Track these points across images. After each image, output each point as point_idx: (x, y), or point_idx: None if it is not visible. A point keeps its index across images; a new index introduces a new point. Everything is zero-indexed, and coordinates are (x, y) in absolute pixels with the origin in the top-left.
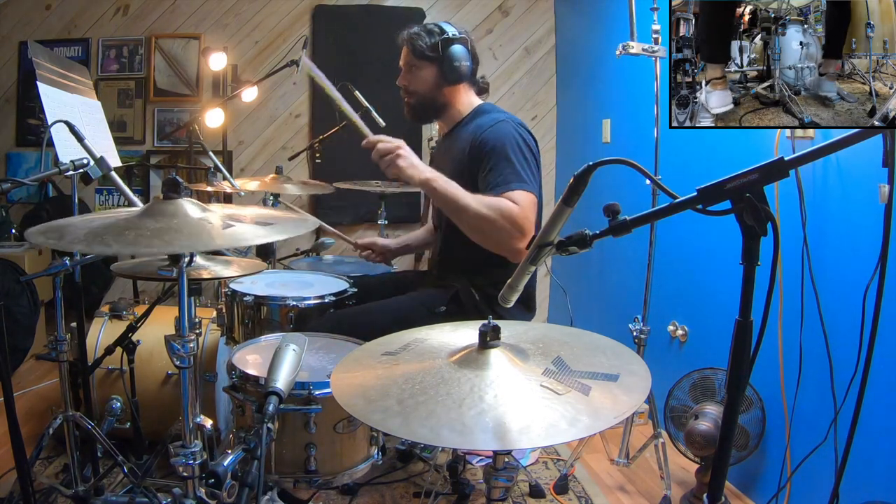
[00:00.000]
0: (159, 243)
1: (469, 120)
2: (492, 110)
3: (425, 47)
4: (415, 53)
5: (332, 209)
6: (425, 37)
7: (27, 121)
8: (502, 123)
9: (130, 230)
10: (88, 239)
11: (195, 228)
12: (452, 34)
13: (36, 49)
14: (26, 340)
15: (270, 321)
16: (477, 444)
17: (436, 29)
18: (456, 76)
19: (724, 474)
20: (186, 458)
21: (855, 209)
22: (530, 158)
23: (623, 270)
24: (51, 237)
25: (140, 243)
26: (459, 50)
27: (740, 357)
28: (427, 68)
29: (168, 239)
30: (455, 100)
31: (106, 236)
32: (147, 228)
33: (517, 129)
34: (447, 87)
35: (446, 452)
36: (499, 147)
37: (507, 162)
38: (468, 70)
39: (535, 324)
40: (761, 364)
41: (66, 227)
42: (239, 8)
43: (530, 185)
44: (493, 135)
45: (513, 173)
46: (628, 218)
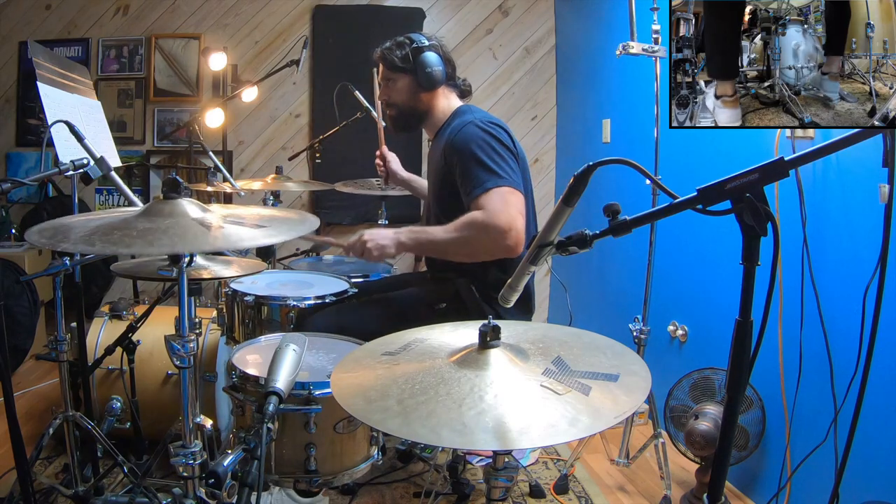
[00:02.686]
0: (142, 244)
1: (448, 123)
2: (466, 112)
3: (397, 59)
4: (389, 67)
5: (332, 209)
6: (396, 49)
7: (27, 121)
8: (467, 126)
9: (118, 231)
10: (75, 240)
11: (186, 230)
12: (421, 42)
13: (36, 49)
14: (26, 340)
15: (271, 321)
16: (477, 444)
17: (405, 40)
18: (430, 82)
19: (724, 474)
20: (186, 458)
21: (855, 209)
22: (503, 152)
23: (623, 270)
24: (45, 236)
25: (122, 243)
26: (431, 56)
27: (740, 357)
28: (402, 79)
29: (151, 239)
30: (434, 105)
31: (93, 236)
32: (135, 229)
33: (484, 127)
34: (423, 93)
35: (446, 452)
36: (465, 151)
37: (475, 162)
38: (442, 74)
39: (535, 324)
40: (761, 364)
41: (59, 227)
42: (239, 8)
43: (505, 179)
44: (460, 139)
45: (483, 172)
46: (628, 218)
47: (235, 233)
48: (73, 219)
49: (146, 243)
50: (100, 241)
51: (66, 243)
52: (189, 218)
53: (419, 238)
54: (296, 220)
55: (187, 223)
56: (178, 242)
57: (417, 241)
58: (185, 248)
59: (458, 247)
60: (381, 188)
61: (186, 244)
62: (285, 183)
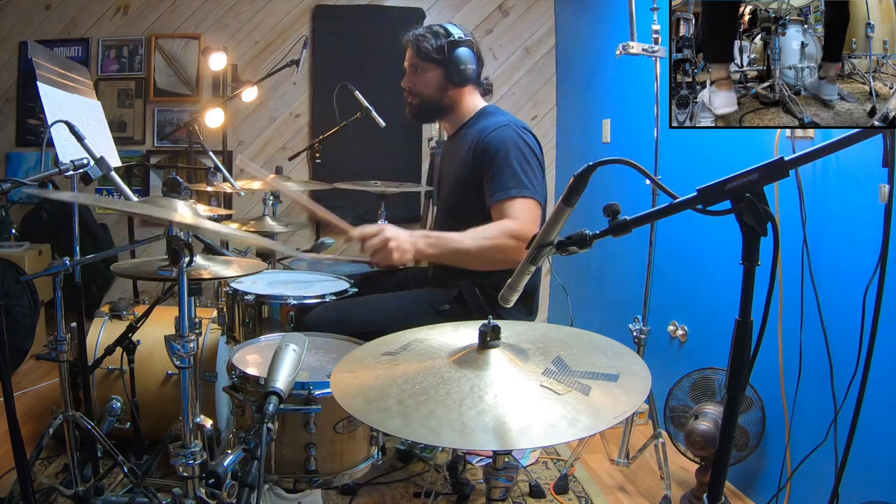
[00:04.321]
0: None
1: (473, 122)
2: (496, 112)
3: (431, 49)
4: (420, 55)
5: (332, 209)
6: (431, 39)
7: (27, 121)
8: (505, 128)
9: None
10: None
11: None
12: (458, 36)
13: (36, 49)
14: (26, 340)
15: (271, 321)
16: (477, 444)
17: (441, 31)
18: (461, 79)
19: (724, 474)
20: (186, 458)
21: (855, 209)
22: (533, 162)
23: (623, 270)
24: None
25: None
26: (465, 52)
27: (740, 357)
28: (432, 70)
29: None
30: (460, 102)
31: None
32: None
33: (520, 133)
34: (452, 89)
35: (446, 452)
36: (501, 152)
37: (508, 167)
38: (474, 73)
39: (536, 324)
40: (761, 364)
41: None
42: (239, 8)
43: (531, 191)
44: (496, 139)
45: (513, 179)
46: (628, 218)
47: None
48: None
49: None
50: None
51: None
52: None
53: (440, 244)
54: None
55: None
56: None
57: (438, 247)
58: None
59: (490, 253)
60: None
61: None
62: (285, 183)
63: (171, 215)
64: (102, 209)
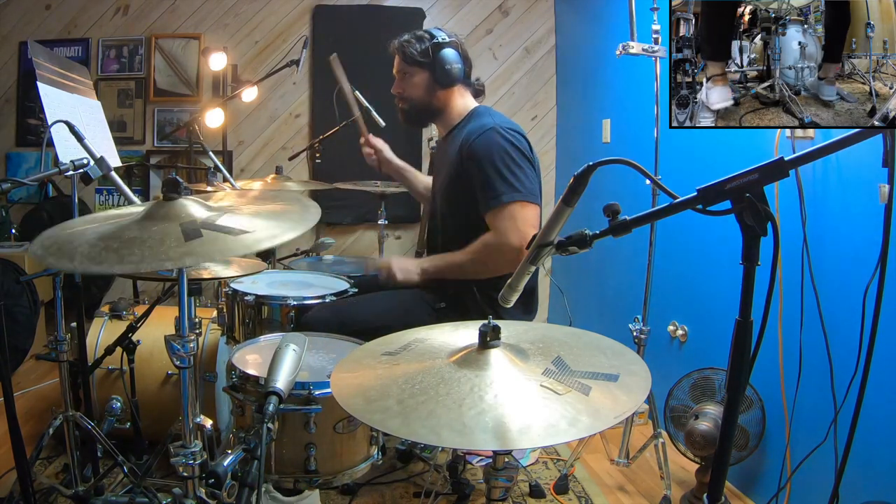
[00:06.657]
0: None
1: (464, 123)
2: (484, 114)
3: (416, 53)
4: (406, 60)
5: (332, 209)
6: (415, 43)
7: (27, 121)
8: (488, 132)
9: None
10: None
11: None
12: (442, 38)
13: (36, 49)
14: (26, 340)
15: (271, 321)
16: (477, 444)
17: (426, 35)
18: (449, 79)
19: (724, 474)
20: (186, 458)
21: (855, 209)
22: (520, 160)
23: (623, 270)
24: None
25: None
26: (450, 53)
27: (740, 357)
28: (419, 74)
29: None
30: (450, 103)
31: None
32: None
33: (505, 135)
34: (440, 90)
35: (446, 452)
36: (486, 159)
37: (496, 173)
38: (460, 72)
39: (536, 324)
40: (761, 364)
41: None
42: (239, 8)
43: (521, 192)
44: (479, 146)
45: (502, 184)
46: (628, 218)
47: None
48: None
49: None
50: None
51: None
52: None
53: (439, 264)
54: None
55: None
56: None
57: (437, 266)
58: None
59: (477, 267)
60: (381, 188)
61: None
62: (285, 183)
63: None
64: (102, 209)
